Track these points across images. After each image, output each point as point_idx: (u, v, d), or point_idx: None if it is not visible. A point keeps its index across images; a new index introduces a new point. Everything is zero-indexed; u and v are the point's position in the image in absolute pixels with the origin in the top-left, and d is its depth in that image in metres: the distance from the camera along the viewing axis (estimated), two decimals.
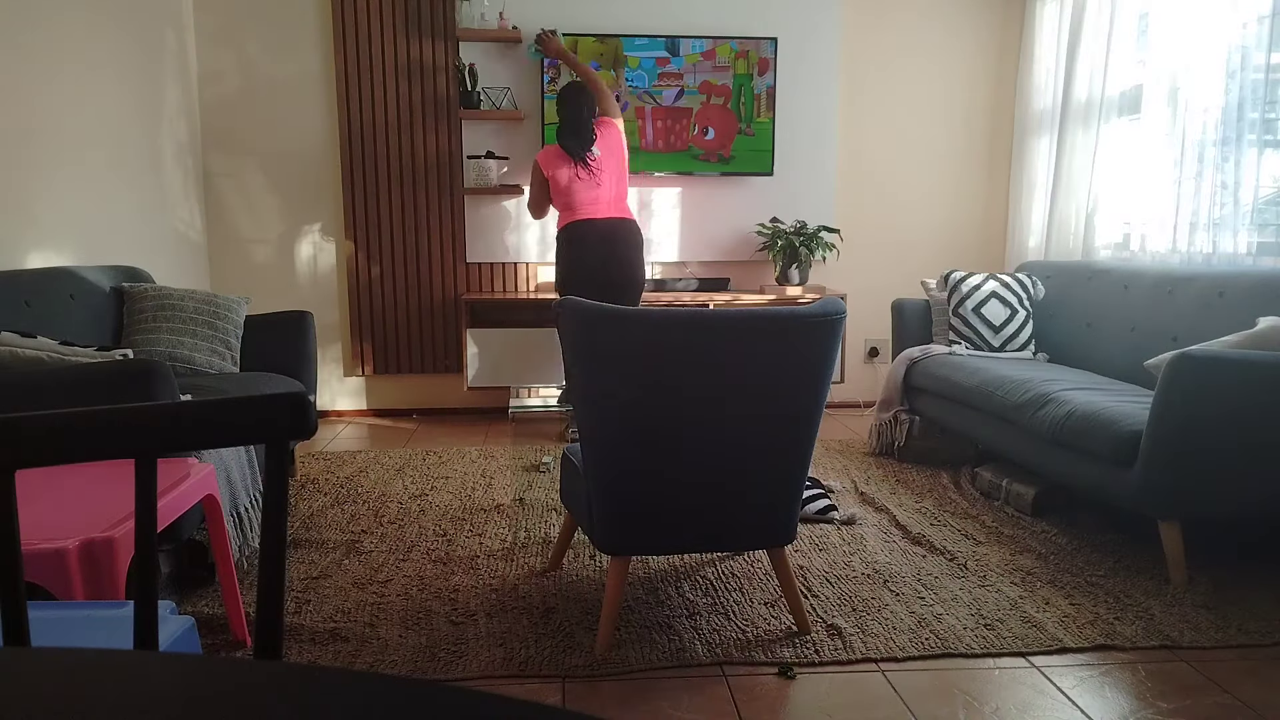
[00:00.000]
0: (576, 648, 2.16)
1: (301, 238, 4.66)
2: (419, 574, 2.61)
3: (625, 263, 3.85)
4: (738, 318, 1.99)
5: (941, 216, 4.99)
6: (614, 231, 3.83)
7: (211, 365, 3.30)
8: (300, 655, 2.13)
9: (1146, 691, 1.97)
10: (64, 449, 0.90)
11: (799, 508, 2.22)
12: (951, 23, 4.84)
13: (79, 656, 0.55)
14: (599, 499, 2.11)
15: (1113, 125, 4.00)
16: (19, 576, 0.90)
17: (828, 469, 3.74)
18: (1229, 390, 2.42)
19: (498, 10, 4.53)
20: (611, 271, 3.83)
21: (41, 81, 3.20)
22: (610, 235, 3.83)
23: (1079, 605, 2.39)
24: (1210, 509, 2.54)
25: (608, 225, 3.83)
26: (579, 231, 3.83)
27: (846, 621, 2.30)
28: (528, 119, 4.61)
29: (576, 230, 3.84)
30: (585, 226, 3.83)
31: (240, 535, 2.64)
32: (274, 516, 0.94)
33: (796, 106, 4.76)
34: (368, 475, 3.64)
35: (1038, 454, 2.97)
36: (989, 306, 3.84)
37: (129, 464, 2.07)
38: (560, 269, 3.91)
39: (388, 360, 4.75)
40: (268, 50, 4.51)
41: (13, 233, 3.05)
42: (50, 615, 1.34)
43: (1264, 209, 3.28)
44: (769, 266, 4.81)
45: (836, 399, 5.01)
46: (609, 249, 3.82)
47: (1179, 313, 3.18)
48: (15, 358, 2.35)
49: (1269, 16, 3.15)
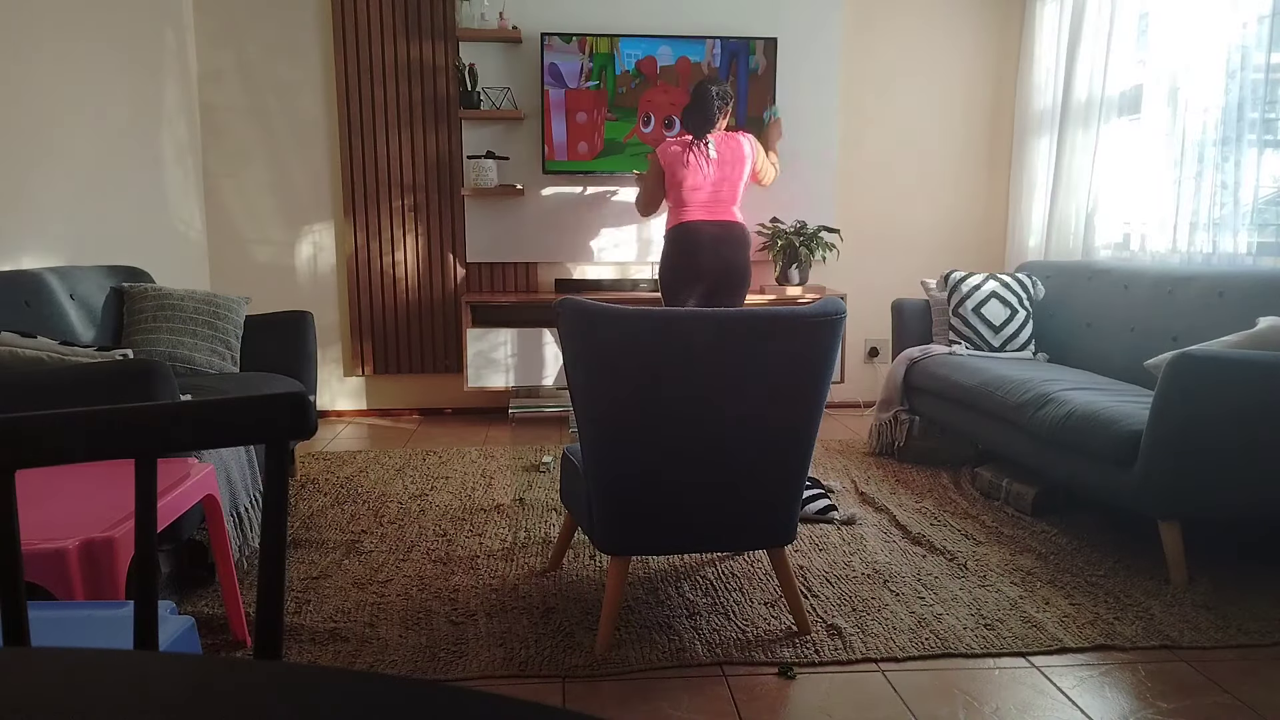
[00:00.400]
0: (576, 648, 2.16)
1: (301, 238, 4.67)
2: (419, 574, 2.61)
3: (736, 264, 3.79)
4: (738, 318, 1.99)
5: (941, 216, 4.99)
6: (725, 233, 3.77)
7: (211, 365, 3.30)
8: (300, 655, 2.13)
9: (1146, 691, 1.97)
10: (64, 449, 0.90)
11: (799, 508, 2.22)
12: (951, 23, 4.84)
13: (79, 656, 0.55)
14: (599, 499, 2.11)
15: (1113, 125, 4.01)
16: (19, 576, 0.90)
17: (828, 469, 3.74)
18: (1229, 390, 2.42)
19: (498, 10, 4.53)
20: (723, 273, 3.78)
21: (41, 81, 3.20)
22: (721, 238, 3.76)
23: (1079, 605, 2.39)
24: (1210, 509, 2.54)
25: (720, 227, 3.77)
26: (691, 231, 3.76)
27: (846, 621, 2.30)
28: (528, 119, 4.61)
29: (688, 230, 3.76)
30: (697, 227, 3.75)
31: (240, 535, 2.64)
32: (274, 516, 0.94)
33: (796, 106, 4.76)
34: (368, 475, 3.64)
35: (1038, 454, 2.97)
36: (989, 306, 3.84)
37: (129, 464, 2.07)
38: (666, 270, 3.83)
39: (388, 360, 4.75)
40: (268, 50, 4.51)
41: (13, 233, 3.05)
42: (50, 615, 1.34)
43: (1264, 209, 3.28)
44: (769, 266, 4.81)
45: (836, 399, 5.01)
46: (719, 252, 3.76)
47: (1179, 313, 3.18)
48: (15, 358, 2.35)
49: (1269, 16, 3.15)
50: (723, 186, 3.79)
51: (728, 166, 3.78)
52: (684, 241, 3.77)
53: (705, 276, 3.79)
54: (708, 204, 3.78)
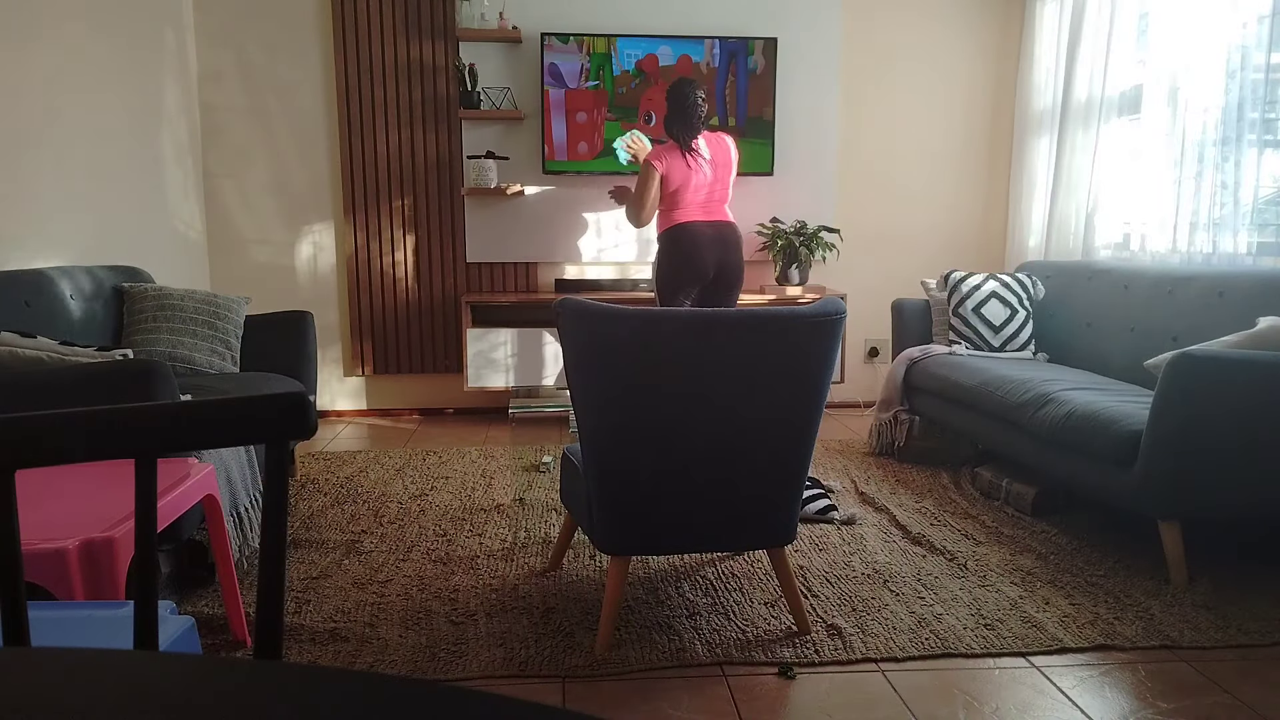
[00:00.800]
0: (576, 648, 2.16)
1: (301, 238, 4.67)
2: (419, 574, 2.61)
3: (732, 265, 3.82)
4: (737, 318, 1.99)
5: (941, 216, 4.99)
6: (722, 234, 3.79)
7: (211, 365, 3.30)
8: (300, 655, 2.13)
9: (1146, 691, 1.97)
10: (64, 449, 0.90)
11: (799, 508, 2.22)
12: (951, 23, 4.84)
13: (79, 656, 0.55)
14: (599, 499, 2.11)
15: (1113, 125, 4.01)
16: (19, 576, 0.90)
17: (828, 469, 3.74)
18: (1229, 390, 2.42)
19: (498, 10, 4.53)
20: (720, 274, 3.81)
21: (41, 81, 3.20)
22: (719, 238, 3.78)
23: (1079, 605, 2.39)
24: (1210, 509, 2.54)
25: (716, 228, 3.79)
26: (689, 232, 3.76)
27: (846, 621, 2.30)
28: (528, 119, 4.61)
29: (686, 231, 3.76)
30: (695, 228, 3.76)
31: (240, 535, 2.63)
32: (274, 516, 0.94)
33: (796, 106, 4.76)
34: (368, 475, 3.64)
35: (1038, 454, 2.97)
36: (989, 306, 3.84)
37: (129, 464, 2.07)
38: (663, 271, 3.83)
39: (388, 360, 4.75)
40: (268, 50, 4.51)
41: (13, 233, 3.05)
42: (50, 615, 1.34)
43: (1264, 209, 3.28)
44: (769, 266, 4.81)
45: (836, 399, 5.01)
46: (718, 252, 3.78)
47: (1179, 313, 3.18)
48: (15, 358, 2.35)
49: (1269, 16, 3.15)
50: (716, 187, 3.80)
51: (720, 168, 3.79)
52: (683, 242, 3.77)
53: (702, 277, 3.80)
54: (704, 205, 3.79)
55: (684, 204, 3.76)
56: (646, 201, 3.77)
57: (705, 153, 3.75)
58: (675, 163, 3.73)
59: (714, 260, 3.78)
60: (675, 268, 3.80)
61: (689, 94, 3.71)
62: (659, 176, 3.73)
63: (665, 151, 3.76)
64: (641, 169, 3.79)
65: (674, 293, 3.81)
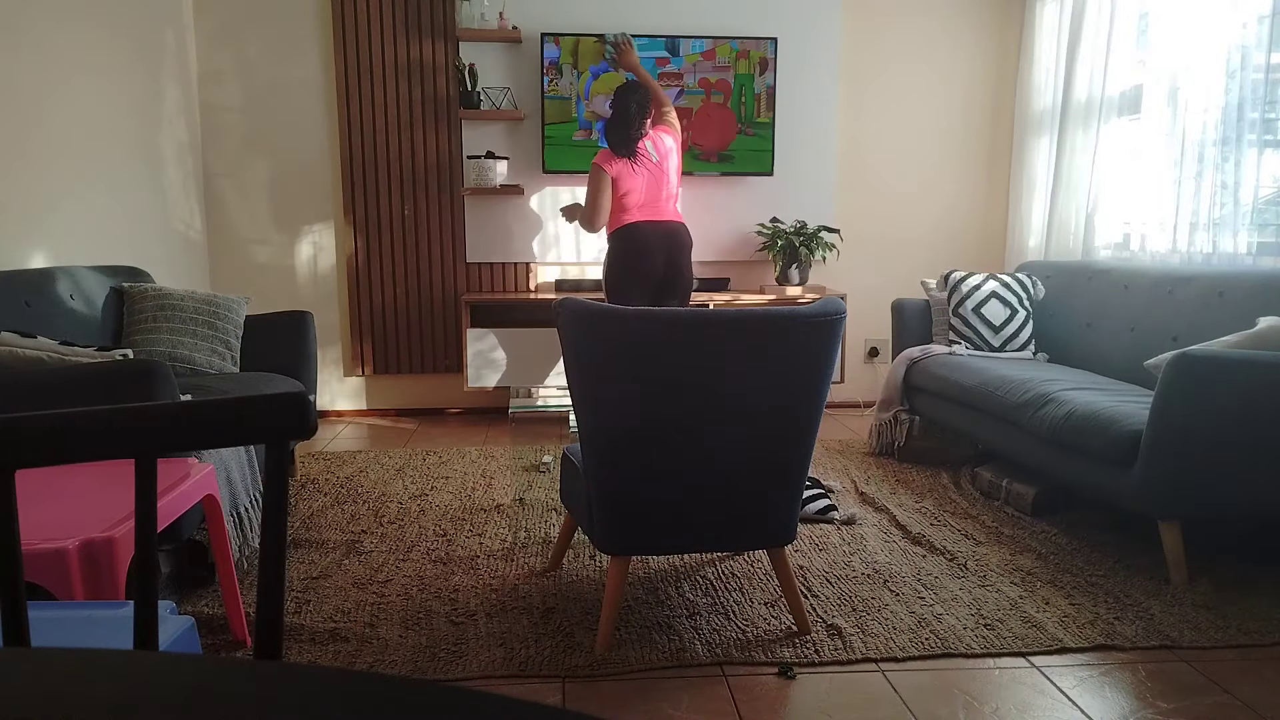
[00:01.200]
0: (576, 648, 2.16)
1: (301, 238, 4.67)
2: (419, 574, 2.61)
3: (680, 266, 3.82)
4: (738, 318, 1.99)
5: (941, 216, 4.99)
6: (672, 234, 3.80)
7: (211, 365, 3.30)
8: (300, 655, 2.13)
9: (1146, 691, 1.97)
10: (64, 449, 0.90)
11: (799, 508, 2.22)
12: (951, 23, 4.84)
13: (79, 656, 0.55)
14: (599, 499, 2.11)
15: (1113, 125, 4.01)
16: (19, 576, 0.90)
17: (828, 469, 3.74)
18: (1229, 390, 2.42)
19: (498, 10, 4.53)
20: (669, 274, 3.81)
21: (41, 82, 3.20)
22: (669, 238, 3.79)
23: (1079, 605, 2.39)
24: (1210, 509, 2.54)
25: (666, 227, 3.79)
26: (639, 233, 3.76)
27: (846, 621, 2.30)
28: (528, 119, 4.61)
29: (636, 231, 3.77)
30: (645, 228, 3.76)
31: (240, 535, 2.64)
32: (274, 516, 0.94)
33: (796, 106, 4.76)
34: (368, 475, 3.64)
35: (1038, 454, 2.97)
36: (989, 306, 3.84)
37: (129, 464, 2.07)
38: (612, 271, 3.82)
39: (388, 360, 4.75)
40: (268, 50, 4.51)
41: (13, 233, 3.05)
42: (50, 615, 1.34)
43: (1264, 209, 3.28)
44: (769, 266, 4.81)
45: (836, 399, 5.01)
46: (667, 252, 3.78)
47: (1179, 313, 3.18)
48: (15, 358, 2.35)
49: (1269, 16, 3.15)
50: (665, 185, 3.82)
51: (664, 157, 3.81)
52: (631, 242, 3.78)
53: (652, 278, 3.80)
54: (651, 204, 3.80)
55: (632, 206, 3.78)
56: (600, 205, 3.77)
57: (653, 154, 3.78)
58: (623, 166, 3.75)
59: (663, 261, 3.79)
60: (623, 269, 3.81)
61: (628, 104, 3.72)
62: (609, 179, 3.75)
63: (613, 155, 3.78)
64: (591, 173, 3.78)
65: (623, 293, 3.80)
